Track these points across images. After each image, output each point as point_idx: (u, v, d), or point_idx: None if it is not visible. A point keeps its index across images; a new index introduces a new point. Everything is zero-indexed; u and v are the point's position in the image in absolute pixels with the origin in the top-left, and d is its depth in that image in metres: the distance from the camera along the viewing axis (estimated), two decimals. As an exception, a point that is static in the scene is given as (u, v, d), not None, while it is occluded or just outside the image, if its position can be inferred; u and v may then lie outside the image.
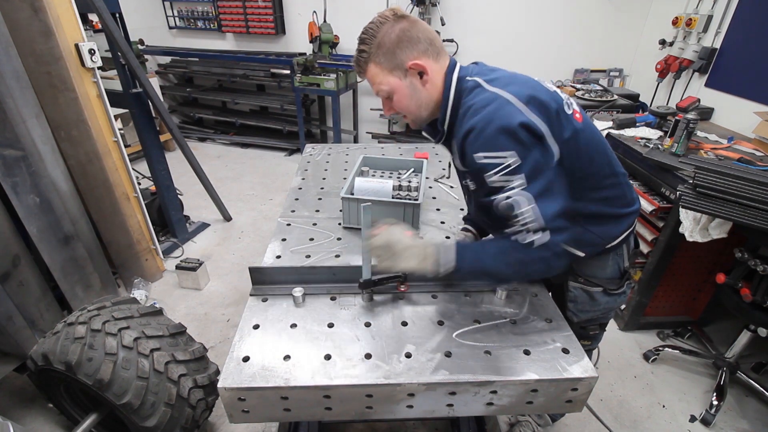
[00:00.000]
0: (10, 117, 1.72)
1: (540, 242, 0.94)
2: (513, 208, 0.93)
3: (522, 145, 0.91)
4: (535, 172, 0.92)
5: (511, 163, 0.91)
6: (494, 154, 0.91)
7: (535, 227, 0.93)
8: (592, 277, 1.24)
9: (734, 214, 1.71)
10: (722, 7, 2.86)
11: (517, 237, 0.96)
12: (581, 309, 1.30)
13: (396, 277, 1.20)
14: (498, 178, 0.93)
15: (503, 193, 0.93)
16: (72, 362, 1.42)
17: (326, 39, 4.32)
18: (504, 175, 0.92)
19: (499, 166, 0.91)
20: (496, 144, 0.91)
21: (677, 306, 2.50)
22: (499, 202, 0.94)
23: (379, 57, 1.02)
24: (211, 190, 3.45)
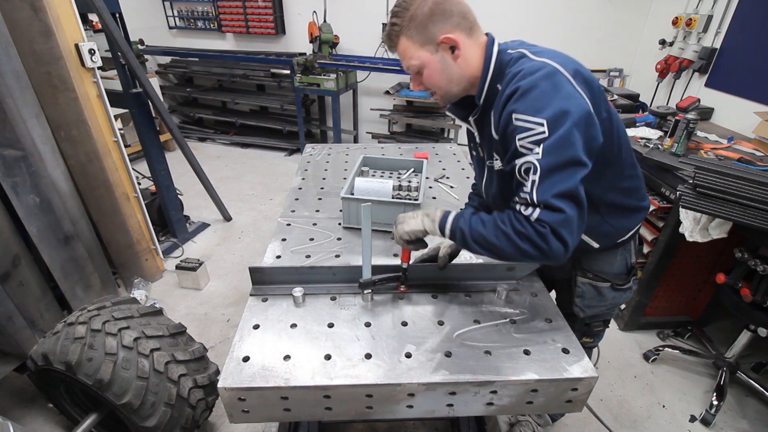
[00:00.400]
0: (10, 117, 1.72)
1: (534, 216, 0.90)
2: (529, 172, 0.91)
3: (558, 116, 0.88)
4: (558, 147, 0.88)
5: (541, 132, 0.88)
6: (531, 118, 0.89)
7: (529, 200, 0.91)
8: (600, 273, 1.24)
9: (734, 214, 1.71)
10: (722, 7, 2.86)
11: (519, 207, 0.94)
12: (588, 304, 1.30)
13: (396, 277, 1.20)
14: (525, 143, 0.90)
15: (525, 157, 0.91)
16: (72, 362, 1.42)
17: (326, 39, 4.32)
18: (531, 142, 0.90)
19: (531, 131, 0.89)
20: (536, 108, 0.89)
21: (677, 306, 2.50)
22: (521, 165, 0.92)
23: (411, 31, 1.00)
24: (211, 190, 3.45)
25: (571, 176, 0.89)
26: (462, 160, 2.19)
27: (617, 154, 1.06)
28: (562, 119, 0.88)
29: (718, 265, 2.27)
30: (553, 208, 0.89)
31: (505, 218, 0.95)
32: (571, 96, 0.90)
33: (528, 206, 0.91)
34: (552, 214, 0.88)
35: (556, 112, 0.88)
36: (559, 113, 0.88)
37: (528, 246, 0.91)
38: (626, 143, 1.10)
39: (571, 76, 0.92)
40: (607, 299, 1.28)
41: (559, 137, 0.87)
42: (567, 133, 0.88)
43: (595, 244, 1.14)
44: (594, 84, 0.97)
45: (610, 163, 1.05)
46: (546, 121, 0.88)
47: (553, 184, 0.88)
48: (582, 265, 1.25)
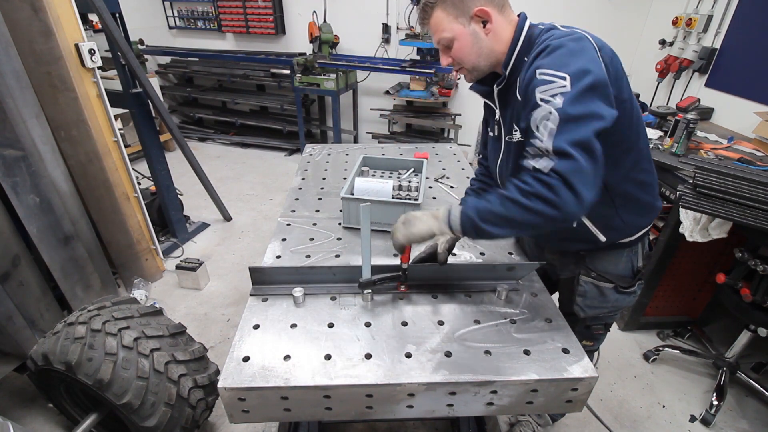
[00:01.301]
0: (10, 117, 1.72)
1: (546, 167, 0.88)
2: (546, 120, 0.90)
3: (581, 73, 0.89)
4: (578, 99, 0.88)
5: (563, 86, 0.89)
6: (555, 72, 0.91)
7: (543, 148, 0.89)
8: (604, 273, 1.24)
9: (734, 214, 1.71)
10: (722, 7, 2.86)
11: (529, 161, 0.93)
12: (589, 304, 1.29)
13: (396, 277, 1.20)
14: (546, 96, 0.91)
15: (543, 107, 0.91)
16: (72, 362, 1.42)
17: (326, 39, 4.32)
18: (552, 95, 0.90)
19: (552, 84, 0.90)
20: (560, 64, 0.91)
21: (677, 306, 2.50)
22: (537, 115, 0.92)
23: (447, 4, 1.04)
24: (211, 190, 3.45)
25: (587, 126, 0.88)
26: (462, 160, 2.19)
27: (635, 141, 1.07)
28: (584, 76, 0.89)
29: (718, 265, 2.27)
30: (567, 155, 0.86)
31: (509, 185, 0.94)
32: (594, 60, 0.92)
33: (539, 157, 0.90)
34: (565, 162, 0.86)
35: (580, 69, 0.89)
36: (582, 71, 0.89)
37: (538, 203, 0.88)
38: (644, 134, 1.10)
39: (598, 47, 0.95)
40: (609, 301, 1.27)
41: (580, 90, 0.88)
42: (588, 88, 0.88)
43: (603, 237, 1.14)
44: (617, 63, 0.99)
45: (629, 150, 1.06)
46: (569, 75, 0.89)
47: (569, 131, 0.87)
48: (586, 264, 1.25)
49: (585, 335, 1.42)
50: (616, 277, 1.24)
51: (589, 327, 1.38)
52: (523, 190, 0.91)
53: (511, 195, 0.92)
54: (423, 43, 4.02)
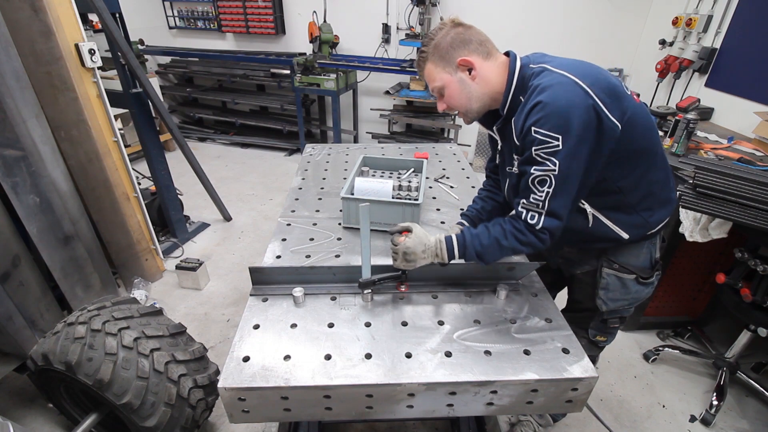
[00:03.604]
0: (10, 117, 1.72)
1: (540, 224, 1.06)
2: (542, 184, 1.04)
3: (577, 135, 0.98)
4: (570, 165, 1.00)
5: (558, 146, 0.99)
6: (548, 132, 0.99)
7: (541, 209, 1.05)
8: (626, 264, 1.28)
9: (734, 214, 1.71)
10: (722, 7, 2.86)
11: (525, 215, 1.08)
12: (612, 297, 1.33)
13: (396, 277, 1.20)
14: (541, 154, 1.01)
15: (541, 167, 1.03)
16: (72, 362, 1.42)
17: (326, 39, 4.32)
18: (545, 153, 1.01)
19: (546, 144, 1.00)
20: (552, 123, 0.98)
21: (677, 306, 2.50)
22: (536, 176, 1.04)
23: (435, 57, 1.15)
24: (211, 190, 3.45)
25: (573, 189, 1.05)
26: (462, 160, 2.19)
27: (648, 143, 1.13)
28: (573, 133, 0.98)
29: (718, 265, 2.27)
30: (557, 216, 1.06)
31: (508, 234, 1.12)
32: (586, 110, 0.98)
33: (533, 212, 1.07)
34: (554, 221, 1.06)
35: (570, 127, 0.97)
36: (572, 128, 0.98)
37: (528, 248, 1.12)
38: (656, 133, 1.17)
39: (588, 86, 0.99)
40: (631, 292, 1.31)
41: (571, 150, 0.99)
42: (576, 147, 0.99)
43: (625, 235, 1.20)
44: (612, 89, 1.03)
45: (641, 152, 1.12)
46: (561, 136, 0.98)
47: (562, 194, 1.04)
48: (608, 257, 1.29)
49: (601, 330, 1.44)
50: (637, 269, 1.28)
51: (605, 321, 1.41)
52: (520, 240, 1.10)
53: (510, 245, 1.11)
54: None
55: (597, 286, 1.33)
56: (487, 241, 1.14)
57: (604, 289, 1.32)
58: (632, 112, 1.06)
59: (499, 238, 1.12)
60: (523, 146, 1.07)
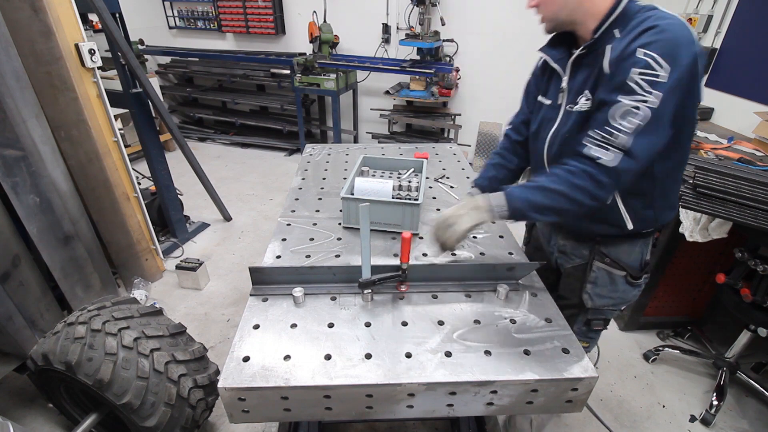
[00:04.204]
0: (10, 117, 1.72)
1: (606, 162, 0.95)
2: (627, 114, 0.92)
3: (681, 72, 0.90)
4: (667, 102, 0.91)
5: (663, 76, 0.90)
6: (658, 57, 0.89)
7: (619, 143, 0.93)
8: (618, 260, 1.26)
9: (734, 214, 1.71)
10: (722, 7, 2.86)
11: (588, 149, 0.97)
12: (599, 293, 1.31)
13: (396, 277, 1.20)
14: (638, 78, 0.91)
15: (632, 96, 0.92)
16: (72, 362, 1.42)
17: (326, 39, 4.32)
18: (646, 81, 0.91)
19: (651, 69, 0.90)
20: (669, 52, 0.90)
21: (677, 306, 2.50)
22: (621, 103, 0.93)
23: None
24: (211, 190, 3.45)
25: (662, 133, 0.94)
26: (462, 160, 2.19)
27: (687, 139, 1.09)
28: (679, 71, 0.90)
29: (718, 265, 2.27)
30: (635, 158, 0.93)
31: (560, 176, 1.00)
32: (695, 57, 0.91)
33: (606, 148, 0.95)
34: (628, 162, 0.94)
35: (679, 62, 0.89)
36: (681, 64, 0.90)
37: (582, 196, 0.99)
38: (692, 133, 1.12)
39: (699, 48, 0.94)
40: (618, 290, 1.29)
41: (673, 87, 0.90)
42: (677, 87, 0.90)
43: (631, 224, 1.17)
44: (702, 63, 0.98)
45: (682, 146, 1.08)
46: (670, 67, 0.89)
47: (649, 136, 0.92)
48: (600, 250, 1.27)
49: (583, 333, 1.42)
50: (628, 266, 1.26)
51: (589, 322, 1.38)
52: (574, 184, 0.98)
53: (561, 189, 0.99)
54: (423, 43, 4.02)
55: (585, 279, 1.31)
56: (534, 184, 1.04)
57: (593, 283, 1.30)
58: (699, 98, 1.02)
59: (547, 183, 1.02)
60: (616, 71, 0.96)
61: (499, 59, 4.39)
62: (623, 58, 0.95)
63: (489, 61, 4.44)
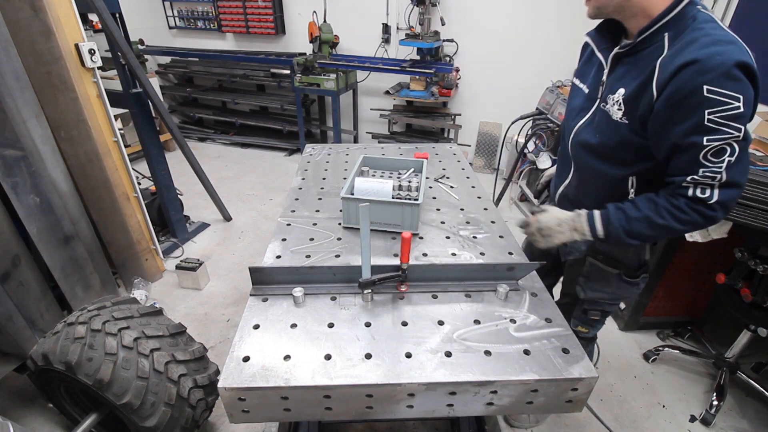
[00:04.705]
0: (10, 117, 1.72)
1: (711, 198, 0.95)
2: (719, 154, 0.92)
3: (750, 91, 0.89)
4: (747, 125, 0.91)
5: (739, 107, 0.88)
6: (724, 92, 0.87)
7: (719, 180, 0.93)
8: (611, 257, 1.27)
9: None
10: (722, 7, 2.86)
11: (688, 191, 0.97)
12: (591, 286, 1.33)
13: (396, 277, 1.20)
14: (717, 119, 0.89)
15: (717, 135, 0.90)
16: (72, 362, 1.42)
17: (326, 39, 4.32)
18: (725, 117, 0.88)
19: (726, 105, 0.87)
20: (729, 81, 0.87)
21: (677, 306, 2.50)
22: (710, 146, 0.91)
23: None
24: (211, 190, 3.45)
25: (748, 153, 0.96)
26: (462, 160, 2.19)
27: None
28: (752, 99, 0.90)
29: (718, 265, 2.27)
30: (738, 186, 0.95)
31: (663, 211, 1.01)
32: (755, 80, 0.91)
33: (706, 186, 0.95)
34: (732, 191, 0.95)
35: (748, 88, 0.89)
36: (749, 90, 0.89)
37: (688, 228, 1.01)
38: None
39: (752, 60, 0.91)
40: (611, 286, 1.30)
41: (750, 114, 0.91)
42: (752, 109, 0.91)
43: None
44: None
45: None
46: (742, 96, 0.88)
47: (743, 162, 0.94)
48: (596, 247, 1.29)
49: (582, 320, 1.43)
50: (621, 264, 1.27)
51: (586, 312, 1.40)
52: (680, 219, 0.99)
53: (666, 223, 1.00)
54: (423, 43, 4.02)
55: (579, 272, 1.34)
56: (637, 215, 1.04)
57: (585, 276, 1.33)
58: None
59: (651, 215, 1.02)
60: (678, 106, 0.92)
61: (499, 59, 4.39)
62: (684, 96, 0.91)
63: (489, 61, 4.44)
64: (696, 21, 0.95)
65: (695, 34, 0.92)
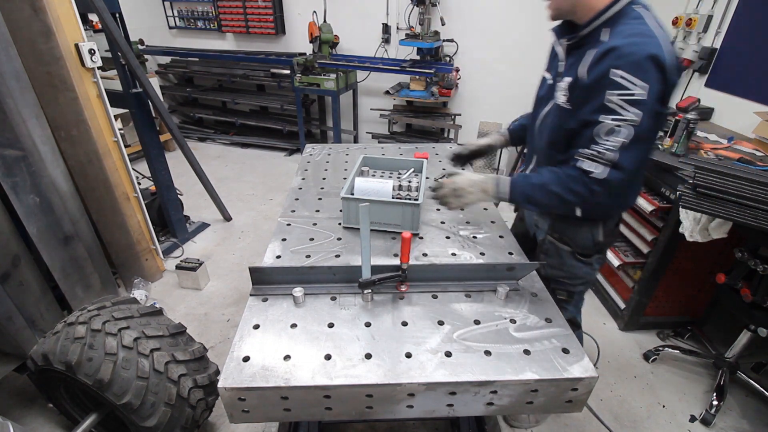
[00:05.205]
0: (10, 117, 1.72)
1: (597, 175, 1.06)
2: (610, 133, 1.03)
3: (656, 84, 0.98)
4: (647, 116, 1.00)
5: (638, 95, 0.98)
6: (630, 77, 0.98)
7: (607, 159, 1.04)
8: (564, 236, 1.40)
9: (734, 214, 1.71)
10: (722, 7, 2.86)
11: (580, 163, 1.09)
12: (550, 263, 1.45)
13: (396, 277, 1.20)
14: (617, 100, 1.00)
15: (613, 116, 1.02)
16: (72, 362, 1.42)
17: (326, 39, 4.32)
18: (624, 101, 1.00)
19: (626, 90, 0.99)
20: (638, 69, 0.98)
21: (677, 306, 2.50)
22: (604, 124, 1.03)
23: None
24: (211, 190, 3.45)
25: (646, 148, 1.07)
26: (462, 160, 2.19)
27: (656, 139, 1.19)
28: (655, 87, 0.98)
29: (718, 265, 2.27)
30: (623, 170, 1.04)
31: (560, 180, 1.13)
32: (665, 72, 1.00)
33: (596, 162, 1.06)
34: (618, 174, 1.04)
35: (652, 79, 0.98)
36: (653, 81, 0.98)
37: (575, 199, 1.12)
38: None
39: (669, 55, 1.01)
40: (566, 264, 1.42)
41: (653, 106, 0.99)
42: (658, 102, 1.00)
43: (579, 212, 1.25)
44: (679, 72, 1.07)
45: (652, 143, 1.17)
46: (648, 87, 0.97)
47: (636, 149, 1.03)
48: (554, 226, 1.43)
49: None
50: (574, 243, 1.39)
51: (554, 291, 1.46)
52: (571, 190, 1.11)
53: (558, 191, 1.13)
54: (423, 43, 4.02)
55: (541, 249, 1.47)
56: (537, 182, 1.18)
57: (545, 253, 1.45)
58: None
59: (548, 183, 1.15)
60: (594, 90, 1.05)
61: (499, 59, 4.39)
62: (598, 79, 1.04)
63: (489, 61, 4.44)
64: (629, 17, 1.07)
65: (623, 27, 1.05)
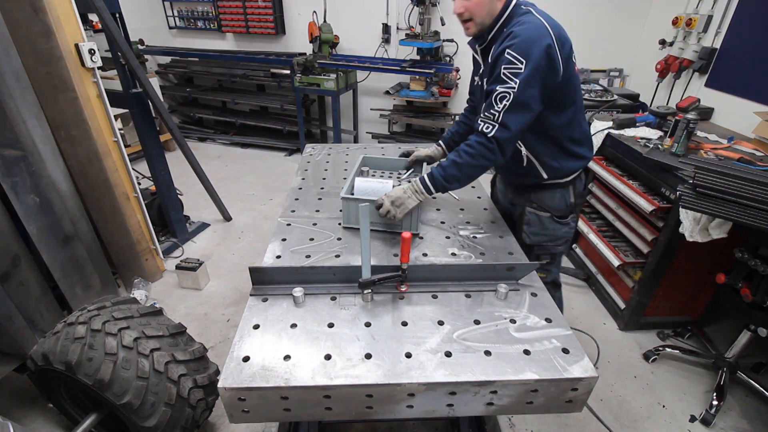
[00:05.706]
0: (10, 117, 1.72)
1: (489, 132, 1.30)
2: (501, 99, 1.27)
3: (535, 63, 1.24)
4: (526, 87, 1.25)
5: (521, 68, 1.25)
6: (517, 55, 1.25)
7: (495, 120, 1.29)
8: (542, 204, 1.59)
9: (734, 214, 1.70)
10: (722, 7, 2.86)
11: (478, 124, 1.33)
12: (533, 231, 1.62)
13: (396, 277, 1.20)
14: (506, 72, 1.26)
15: (502, 85, 1.27)
16: (72, 362, 1.42)
17: (326, 39, 4.32)
18: (511, 73, 1.26)
19: (513, 65, 1.25)
20: (523, 51, 1.24)
21: (677, 306, 2.50)
22: (497, 92, 1.28)
23: None
24: (211, 190, 3.45)
25: (525, 115, 1.30)
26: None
27: (571, 102, 1.42)
28: (533, 61, 1.24)
29: (718, 265, 2.27)
30: (508, 128, 1.29)
31: (461, 152, 1.36)
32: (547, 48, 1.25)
33: (490, 124, 1.31)
34: (503, 132, 1.30)
35: (532, 56, 1.24)
36: (533, 57, 1.24)
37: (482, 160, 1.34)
38: (580, 98, 1.47)
39: (553, 33, 1.27)
40: (547, 228, 1.61)
41: (530, 74, 1.24)
42: (533, 73, 1.25)
43: (545, 174, 1.53)
44: (567, 46, 1.33)
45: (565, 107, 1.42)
46: (525, 61, 1.24)
47: (516, 113, 1.28)
48: (530, 198, 1.61)
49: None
50: (551, 208, 1.59)
51: (538, 257, 1.65)
52: (471, 154, 1.35)
53: (464, 160, 1.36)
54: (423, 43, 4.02)
55: (522, 222, 1.63)
56: (447, 162, 1.39)
57: (527, 224, 1.62)
58: (571, 71, 1.34)
59: (455, 158, 1.37)
60: (495, 66, 1.30)
61: (499, 59, 4.39)
62: (498, 57, 1.30)
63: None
64: (518, 14, 1.35)
65: (517, 20, 1.34)
